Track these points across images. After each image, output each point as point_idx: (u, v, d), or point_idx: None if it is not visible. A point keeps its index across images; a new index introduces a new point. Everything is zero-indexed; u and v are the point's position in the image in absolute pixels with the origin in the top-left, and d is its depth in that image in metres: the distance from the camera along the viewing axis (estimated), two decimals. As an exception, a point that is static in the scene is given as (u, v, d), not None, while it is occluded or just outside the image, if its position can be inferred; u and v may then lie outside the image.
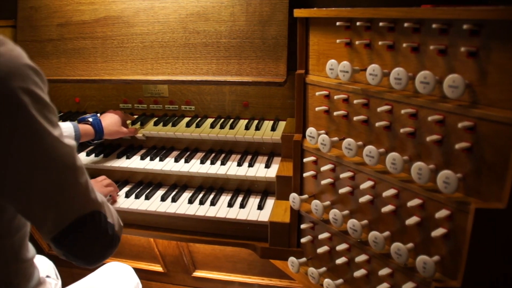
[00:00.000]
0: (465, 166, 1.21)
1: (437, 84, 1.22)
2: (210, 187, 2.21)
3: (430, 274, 1.26)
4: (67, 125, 1.95)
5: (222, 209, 2.00)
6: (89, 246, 1.07)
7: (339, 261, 1.64)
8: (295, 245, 1.88)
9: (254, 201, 2.07)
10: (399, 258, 1.35)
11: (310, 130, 1.66)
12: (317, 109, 1.66)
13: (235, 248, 2.26)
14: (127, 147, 2.42)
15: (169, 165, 2.18)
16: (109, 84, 2.46)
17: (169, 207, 2.03)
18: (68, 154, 1.02)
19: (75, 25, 2.38)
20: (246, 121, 2.37)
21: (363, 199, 1.50)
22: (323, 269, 1.73)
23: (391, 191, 1.41)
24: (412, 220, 1.34)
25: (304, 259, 1.80)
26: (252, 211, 1.97)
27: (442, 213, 1.25)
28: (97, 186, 1.93)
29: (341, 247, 1.62)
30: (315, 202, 1.67)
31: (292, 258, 1.80)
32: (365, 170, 1.51)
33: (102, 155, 2.30)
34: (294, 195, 1.75)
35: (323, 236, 1.69)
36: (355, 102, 1.50)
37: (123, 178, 2.32)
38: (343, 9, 1.52)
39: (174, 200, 2.08)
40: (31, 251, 1.21)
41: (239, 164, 2.14)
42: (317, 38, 1.66)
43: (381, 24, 1.38)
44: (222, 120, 2.39)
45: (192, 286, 2.64)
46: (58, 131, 1.01)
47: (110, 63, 2.34)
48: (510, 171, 1.10)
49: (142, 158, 2.25)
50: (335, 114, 1.58)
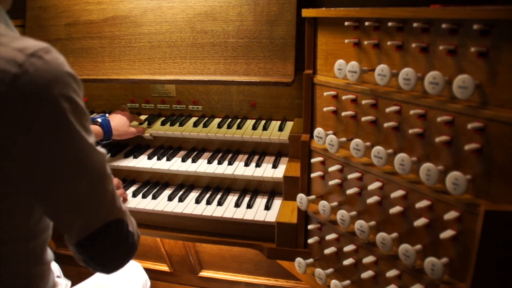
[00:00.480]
0: (474, 167, 1.20)
1: (446, 84, 1.21)
2: (217, 187, 2.20)
3: (439, 276, 1.25)
4: None
5: (229, 209, 2.00)
6: (110, 253, 1.09)
7: (346, 262, 1.63)
8: (302, 245, 1.87)
9: (261, 201, 2.06)
10: (407, 259, 1.34)
11: (318, 131, 1.65)
12: (325, 109, 1.66)
13: (242, 248, 2.26)
14: (134, 147, 2.42)
15: (176, 164, 2.18)
16: (116, 83, 2.47)
17: (176, 207, 2.03)
18: (100, 162, 1.05)
19: (83, 24, 2.39)
20: (254, 121, 2.37)
21: (371, 200, 1.49)
22: (330, 270, 1.73)
23: (399, 192, 1.40)
24: (420, 221, 1.33)
25: (311, 260, 1.79)
26: (259, 211, 1.97)
27: (451, 214, 1.24)
28: None
29: (348, 248, 1.61)
30: (323, 203, 1.66)
31: (299, 259, 1.79)
32: (373, 171, 1.50)
33: (109, 155, 2.31)
34: (301, 196, 1.75)
35: (331, 237, 1.69)
36: (363, 102, 1.49)
37: (130, 177, 2.33)
38: (352, 9, 1.51)
39: (181, 200, 2.08)
40: (50, 254, 1.23)
41: (246, 164, 2.14)
42: (325, 38, 1.65)
43: (390, 24, 1.37)
44: (230, 120, 2.39)
45: (198, 286, 2.65)
46: (92, 139, 1.03)
47: (118, 63, 2.34)
48: (521, 173, 1.09)
49: (149, 157, 2.26)
50: (343, 114, 1.58)
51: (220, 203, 2.04)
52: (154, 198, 2.11)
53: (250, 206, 2.00)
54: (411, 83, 1.28)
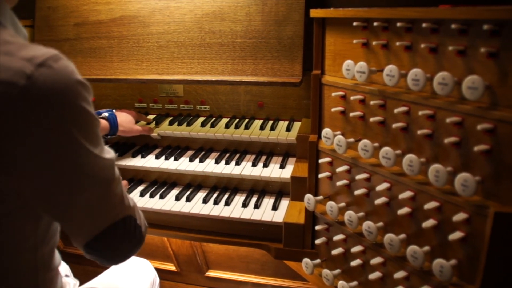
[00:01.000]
0: (484, 169, 1.19)
1: (455, 85, 1.20)
2: (224, 187, 2.21)
3: (447, 278, 1.24)
4: None
5: (236, 209, 2.00)
6: (118, 248, 1.10)
7: (354, 263, 1.62)
8: (310, 246, 1.87)
9: (268, 201, 2.06)
10: (415, 261, 1.34)
11: (326, 131, 1.64)
12: (333, 109, 1.65)
13: (249, 248, 2.26)
14: (142, 146, 2.43)
15: (183, 164, 2.18)
16: (124, 83, 2.48)
17: (183, 207, 2.03)
18: (108, 168, 1.04)
19: (92, 24, 2.40)
20: (261, 121, 2.37)
21: (379, 201, 1.49)
22: (338, 271, 1.72)
23: (408, 193, 1.39)
24: (428, 223, 1.32)
25: (318, 261, 1.78)
26: (266, 212, 1.97)
27: (460, 216, 1.23)
28: None
29: (356, 249, 1.61)
30: (330, 204, 1.65)
31: (306, 260, 1.79)
32: (381, 172, 1.49)
33: (117, 154, 2.31)
34: (309, 196, 1.74)
35: (338, 237, 1.68)
36: (372, 103, 1.48)
37: (138, 177, 2.33)
38: (360, 9, 1.50)
39: (188, 199, 2.08)
40: (58, 259, 1.23)
41: (254, 164, 2.14)
42: (333, 38, 1.65)
43: (398, 24, 1.37)
44: (237, 120, 2.39)
45: (205, 285, 2.65)
46: (99, 148, 1.02)
47: (126, 63, 2.35)
48: (531, 175, 1.08)
49: (157, 157, 2.26)
50: (351, 115, 1.57)
51: (227, 203, 2.04)
52: (162, 197, 2.12)
53: (257, 206, 2.00)
54: (420, 84, 1.27)
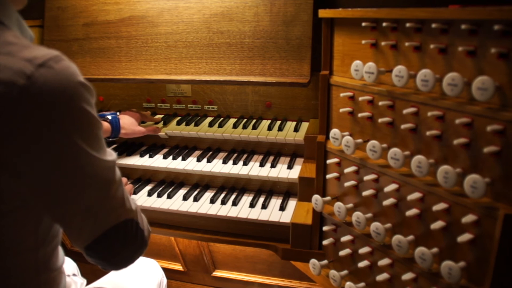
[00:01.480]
0: (493, 170, 1.18)
1: (465, 86, 1.19)
2: (232, 187, 2.21)
3: (456, 280, 1.23)
4: None
5: (244, 209, 2.00)
6: (119, 252, 1.08)
7: (362, 264, 1.62)
8: (317, 247, 1.87)
9: (276, 202, 2.06)
10: (424, 263, 1.33)
11: (334, 132, 1.64)
12: (341, 110, 1.65)
13: (255, 248, 2.26)
14: (150, 146, 2.44)
15: (191, 164, 2.18)
16: (133, 83, 2.49)
17: (190, 207, 2.03)
18: (108, 169, 1.04)
19: (100, 24, 2.41)
20: (269, 121, 2.36)
21: (387, 202, 1.48)
22: (345, 272, 1.72)
23: (416, 195, 1.38)
24: (437, 224, 1.32)
25: (325, 262, 1.78)
26: (274, 212, 1.97)
27: (469, 218, 1.22)
28: None
29: (363, 250, 1.60)
30: (338, 204, 1.65)
31: (313, 260, 1.78)
32: (389, 173, 1.49)
33: (125, 154, 2.33)
34: (316, 197, 1.74)
35: (346, 238, 1.68)
36: (380, 103, 1.48)
37: (146, 176, 2.34)
38: (369, 9, 1.49)
39: (196, 199, 2.08)
40: (61, 259, 1.23)
41: (262, 164, 2.14)
42: (342, 38, 1.65)
43: (407, 25, 1.36)
44: (245, 120, 2.39)
45: (211, 285, 2.65)
46: (99, 150, 1.02)
47: (134, 63, 2.36)
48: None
49: (165, 157, 2.27)
50: (360, 115, 1.57)
51: (235, 203, 2.04)
52: (169, 197, 2.12)
53: (265, 206, 2.00)
54: (429, 85, 1.26)
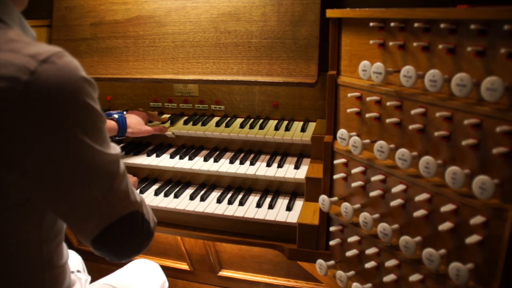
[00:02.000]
0: (502, 171, 1.17)
1: (474, 86, 1.18)
2: (238, 187, 2.21)
3: (464, 282, 1.23)
4: None
5: (250, 209, 2.00)
6: (125, 243, 1.09)
7: (368, 265, 1.61)
8: (324, 247, 1.86)
9: (282, 202, 2.06)
10: (431, 264, 1.32)
11: (341, 132, 1.64)
12: (348, 110, 1.64)
13: (262, 248, 2.26)
14: (157, 146, 2.44)
15: (198, 164, 2.19)
16: (140, 83, 2.49)
17: (197, 206, 2.03)
18: (112, 163, 1.04)
19: (108, 24, 2.42)
20: (276, 121, 2.36)
21: (395, 203, 1.47)
22: (352, 272, 1.71)
23: (424, 196, 1.37)
24: (445, 225, 1.31)
25: (332, 262, 1.77)
26: (280, 212, 1.97)
27: (477, 219, 1.21)
28: None
29: (370, 251, 1.60)
30: (345, 205, 1.64)
31: (320, 261, 1.78)
32: (397, 174, 1.48)
33: (132, 153, 2.33)
34: (323, 197, 1.73)
35: (353, 239, 1.67)
36: (388, 104, 1.47)
37: (153, 176, 2.34)
38: (377, 9, 1.49)
39: (202, 199, 2.08)
40: (65, 256, 1.23)
41: (268, 164, 2.13)
42: (349, 38, 1.64)
43: (416, 25, 1.35)
44: (252, 120, 2.39)
45: (217, 285, 2.65)
46: (103, 143, 1.02)
47: (142, 62, 2.36)
48: (551, 178, 1.06)
49: (172, 156, 2.27)
50: (367, 116, 1.56)
51: (241, 203, 2.04)
52: (176, 197, 2.12)
53: (271, 206, 2.00)
54: (438, 85, 1.26)
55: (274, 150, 2.29)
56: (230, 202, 2.05)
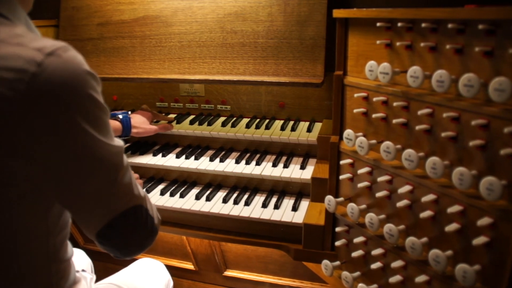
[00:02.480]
0: (510, 173, 1.17)
1: (481, 87, 1.17)
2: (244, 187, 2.21)
3: (470, 284, 1.22)
4: None
5: (256, 209, 2.00)
6: (130, 238, 1.11)
7: (374, 266, 1.61)
8: (329, 248, 1.86)
9: (288, 202, 2.05)
10: (438, 265, 1.32)
11: (348, 132, 1.63)
12: (355, 111, 1.64)
13: (267, 249, 2.25)
14: (163, 145, 2.45)
15: (204, 164, 2.19)
16: (146, 82, 2.50)
17: (203, 206, 2.04)
18: (115, 155, 1.06)
19: (115, 24, 2.43)
20: (282, 121, 2.36)
21: (401, 204, 1.47)
22: (357, 273, 1.71)
23: (430, 196, 1.37)
24: (452, 227, 1.30)
25: (338, 263, 1.77)
26: (286, 212, 1.96)
27: (484, 221, 1.20)
28: None
29: (376, 252, 1.59)
30: (351, 205, 1.64)
31: (325, 261, 1.78)
32: (403, 174, 1.48)
33: (138, 152, 2.34)
34: (329, 198, 1.73)
35: (358, 240, 1.67)
36: (395, 104, 1.47)
37: (158, 175, 2.35)
38: (384, 9, 1.49)
39: (208, 199, 2.08)
40: (70, 251, 1.25)
41: (274, 164, 2.13)
42: (356, 39, 1.64)
43: (423, 25, 1.35)
44: (258, 120, 2.39)
45: (222, 285, 2.65)
46: (107, 135, 1.05)
47: (148, 62, 2.37)
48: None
49: (178, 156, 2.27)
50: (374, 116, 1.56)
51: (247, 203, 2.04)
52: (182, 196, 2.13)
53: (277, 206, 2.00)
54: (445, 86, 1.25)
55: (280, 150, 2.28)
56: (236, 202, 2.05)
